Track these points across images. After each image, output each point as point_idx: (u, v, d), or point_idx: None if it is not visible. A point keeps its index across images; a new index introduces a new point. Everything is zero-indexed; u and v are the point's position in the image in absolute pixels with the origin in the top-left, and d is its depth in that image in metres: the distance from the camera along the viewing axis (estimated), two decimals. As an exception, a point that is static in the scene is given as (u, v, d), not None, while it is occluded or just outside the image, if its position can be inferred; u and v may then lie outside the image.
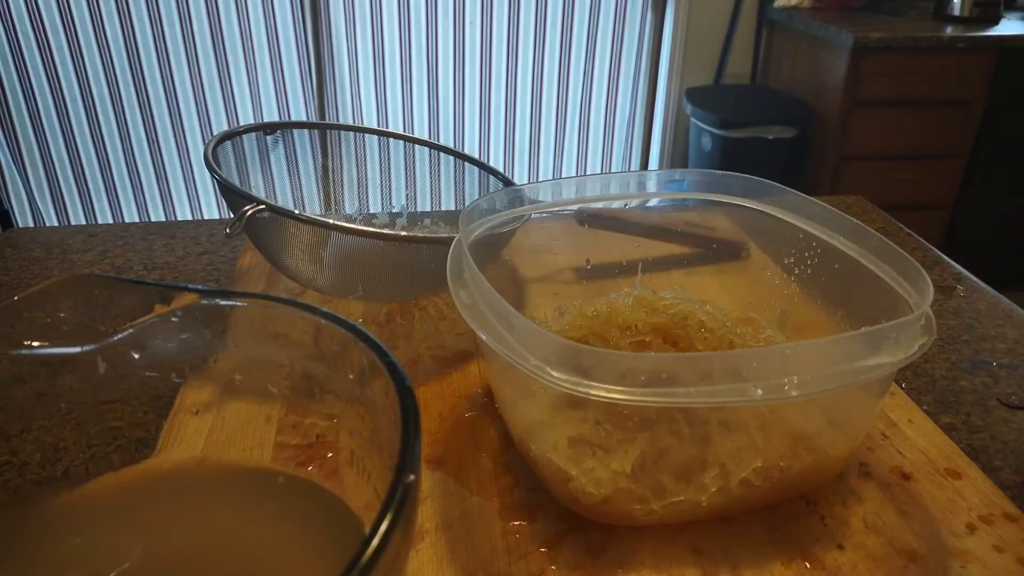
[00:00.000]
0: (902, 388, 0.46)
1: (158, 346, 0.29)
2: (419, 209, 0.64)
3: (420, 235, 0.45)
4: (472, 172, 0.61)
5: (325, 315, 0.27)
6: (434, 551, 0.34)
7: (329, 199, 0.63)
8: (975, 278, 0.60)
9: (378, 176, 0.63)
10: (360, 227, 0.44)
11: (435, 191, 0.63)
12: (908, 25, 1.73)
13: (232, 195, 0.47)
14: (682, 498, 0.33)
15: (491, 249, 0.47)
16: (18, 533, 0.28)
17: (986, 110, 1.72)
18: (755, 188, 0.45)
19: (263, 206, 0.43)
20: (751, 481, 0.33)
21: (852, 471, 0.39)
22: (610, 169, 1.95)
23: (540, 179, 1.49)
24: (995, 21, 1.78)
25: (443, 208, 0.63)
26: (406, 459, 0.21)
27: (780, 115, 1.75)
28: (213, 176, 0.47)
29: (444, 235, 0.42)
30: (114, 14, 1.60)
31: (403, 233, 0.45)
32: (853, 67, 1.64)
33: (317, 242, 0.45)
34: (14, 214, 1.76)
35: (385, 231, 0.45)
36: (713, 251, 0.50)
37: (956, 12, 1.79)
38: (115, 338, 0.28)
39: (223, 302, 0.29)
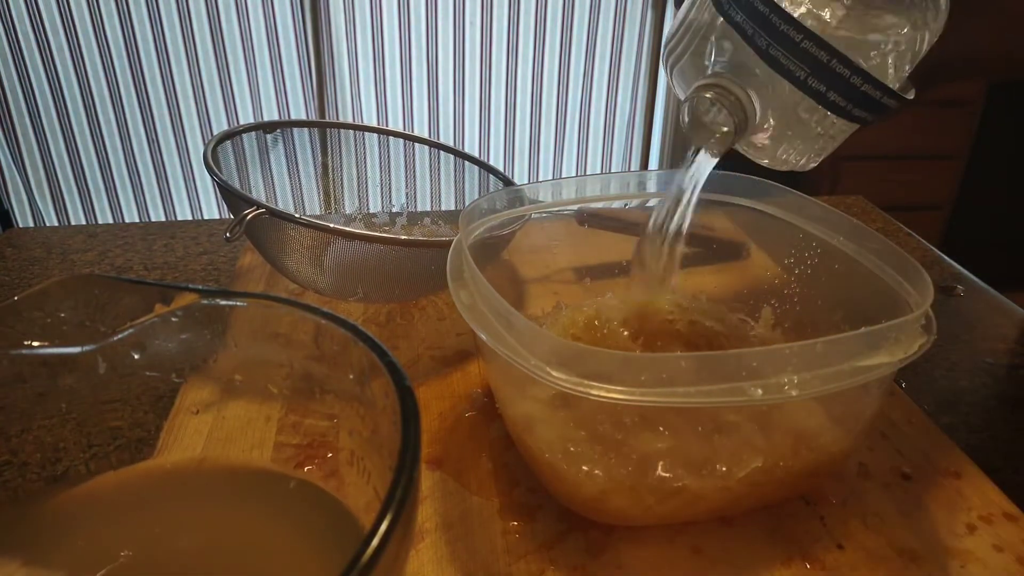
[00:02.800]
0: (902, 388, 0.46)
1: (158, 346, 0.29)
2: (419, 208, 0.64)
3: (422, 239, 0.45)
4: (472, 171, 0.61)
5: (325, 315, 0.27)
6: (434, 551, 0.34)
7: (329, 198, 0.63)
8: (975, 278, 0.60)
9: (378, 175, 0.63)
10: (361, 231, 0.44)
11: (435, 190, 0.63)
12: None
13: (232, 197, 0.47)
14: (682, 498, 0.33)
15: (491, 249, 0.47)
16: (18, 533, 0.28)
17: (986, 110, 1.72)
18: (755, 188, 0.45)
19: (263, 210, 0.43)
20: (751, 480, 0.33)
21: (852, 471, 0.39)
22: (610, 169, 1.95)
23: (540, 179, 1.49)
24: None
25: (443, 207, 0.63)
26: (406, 459, 0.21)
27: (780, 115, 1.75)
28: (213, 178, 0.47)
29: (446, 238, 0.42)
30: (114, 14, 1.60)
31: (404, 237, 0.45)
32: (853, 67, 1.63)
33: (317, 245, 0.45)
34: (14, 214, 1.76)
35: (386, 235, 0.45)
36: (713, 251, 0.50)
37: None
38: (115, 338, 0.28)
39: (223, 302, 0.29)
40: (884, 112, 0.32)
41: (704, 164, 0.37)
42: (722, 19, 0.33)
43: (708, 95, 0.34)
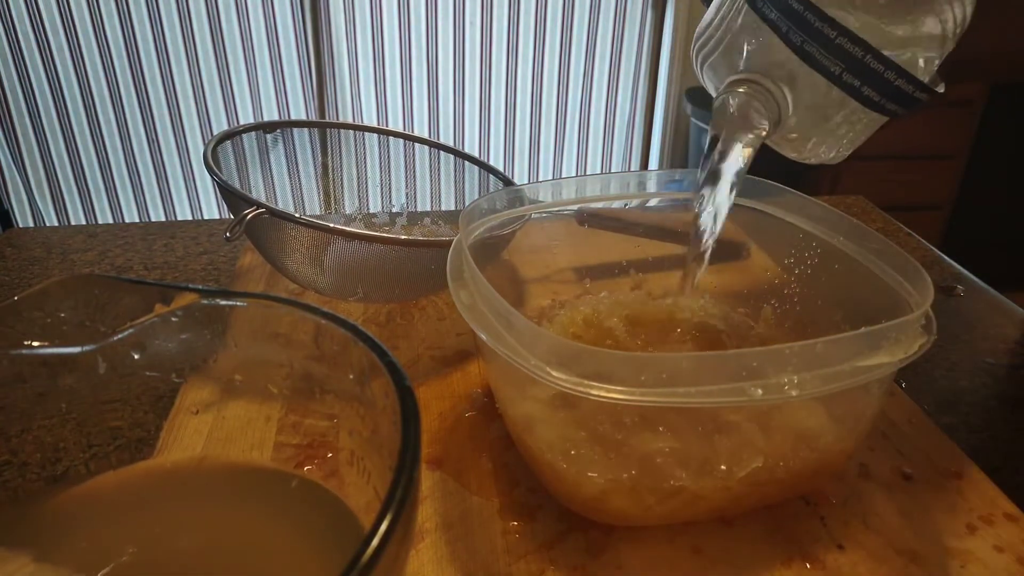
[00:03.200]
0: (902, 388, 0.46)
1: (158, 346, 0.29)
2: (419, 208, 0.64)
3: (422, 239, 0.45)
4: (472, 171, 0.61)
5: (325, 315, 0.27)
6: (434, 551, 0.34)
7: (329, 198, 0.63)
8: (975, 278, 0.60)
9: (378, 175, 0.63)
10: (361, 231, 0.44)
11: (435, 190, 0.63)
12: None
13: (232, 197, 0.47)
14: (682, 498, 0.33)
15: (491, 249, 0.47)
16: (18, 533, 0.28)
17: (986, 110, 1.72)
18: (755, 188, 0.45)
19: (263, 209, 0.43)
20: (752, 480, 0.33)
21: (852, 471, 0.39)
22: (610, 169, 1.95)
23: (540, 179, 1.49)
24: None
25: (443, 207, 0.63)
26: (406, 459, 0.21)
27: (780, 115, 1.75)
28: (213, 178, 0.47)
29: (446, 238, 0.42)
30: (114, 14, 1.60)
31: (404, 237, 0.45)
32: (853, 67, 1.63)
33: (317, 245, 0.45)
34: (14, 214, 1.76)
35: (386, 235, 0.44)
36: (713, 251, 0.50)
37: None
38: (115, 338, 0.28)
39: (223, 302, 0.29)
40: (916, 105, 0.32)
41: (737, 161, 0.37)
42: (756, 16, 0.33)
43: (742, 90, 0.34)
